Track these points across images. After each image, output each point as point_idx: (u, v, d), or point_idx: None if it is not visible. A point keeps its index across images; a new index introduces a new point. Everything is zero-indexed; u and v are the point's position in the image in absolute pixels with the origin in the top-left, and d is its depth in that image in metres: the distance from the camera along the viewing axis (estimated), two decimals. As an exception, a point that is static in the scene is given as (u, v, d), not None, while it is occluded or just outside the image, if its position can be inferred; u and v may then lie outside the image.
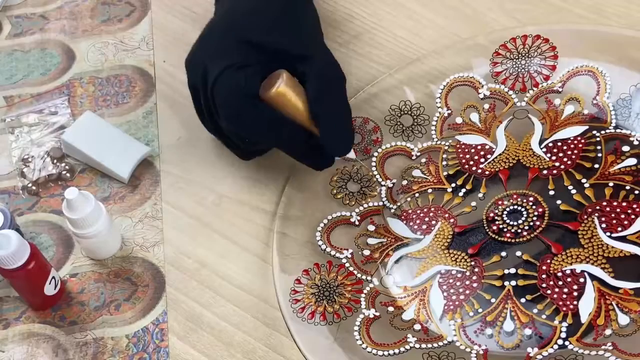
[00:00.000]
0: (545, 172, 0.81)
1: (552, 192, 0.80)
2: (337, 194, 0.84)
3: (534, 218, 0.79)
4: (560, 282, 0.75)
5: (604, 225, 0.77)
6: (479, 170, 0.83)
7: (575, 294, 0.74)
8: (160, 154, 0.91)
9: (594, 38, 0.85)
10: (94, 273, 0.85)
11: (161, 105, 0.94)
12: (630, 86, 0.83)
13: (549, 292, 0.74)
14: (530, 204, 0.79)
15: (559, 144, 0.83)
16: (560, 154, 0.82)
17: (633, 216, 0.77)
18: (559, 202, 0.79)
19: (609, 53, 0.85)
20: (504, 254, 0.78)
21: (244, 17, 0.82)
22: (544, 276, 0.75)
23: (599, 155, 0.81)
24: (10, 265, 0.77)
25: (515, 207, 0.80)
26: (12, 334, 0.82)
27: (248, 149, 0.85)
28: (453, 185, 0.83)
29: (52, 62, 0.99)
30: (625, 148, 0.81)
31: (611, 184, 0.79)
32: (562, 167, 0.81)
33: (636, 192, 0.78)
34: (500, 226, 0.79)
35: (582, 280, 0.74)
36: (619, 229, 0.76)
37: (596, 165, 0.81)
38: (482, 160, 0.84)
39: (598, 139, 0.82)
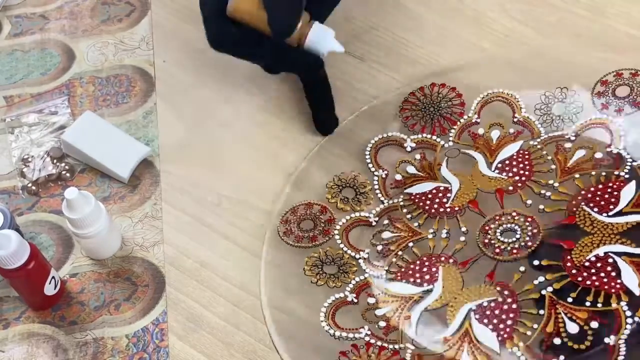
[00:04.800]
0: (510, 188, 0.82)
1: (529, 202, 0.81)
2: (319, 280, 0.80)
3: (529, 228, 0.79)
4: (593, 270, 0.75)
5: (595, 209, 0.78)
6: (448, 210, 0.82)
7: (613, 274, 0.74)
8: (160, 154, 0.91)
9: (487, 66, 0.89)
10: (93, 273, 0.85)
11: (161, 105, 0.94)
12: (540, 95, 0.86)
13: (588, 282, 0.74)
14: (517, 217, 0.80)
15: (507, 162, 0.84)
16: (515, 169, 0.83)
17: (615, 192, 0.79)
18: (541, 206, 0.80)
19: (505, 75, 0.87)
20: (522, 269, 0.77)
21: None
22: (574, 271, 0.75)
23: (549, 157, 0.83)
24: (10, 265, 0.77)
25: (505, 226, 0.80)
26: (12, 334, 0.82)
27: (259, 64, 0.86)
28: (431, 231, 0.82)
29: (52, 62, 0.99)
30: (568, 145, 0.83)
31: (577, 175, 0.81)
32: (524, 178, 0.82)
33: (603, 173, 0.81)
34: (502, 247, 0.79)
35: (610, 260, 0.75)
36: (611, 207, 0.78)
37: (553, 166, 0.82)
38: (445, 200, 0.83)
39: (539, 146, 0.84)
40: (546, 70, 0.87)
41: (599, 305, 0.73)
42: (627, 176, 0.80)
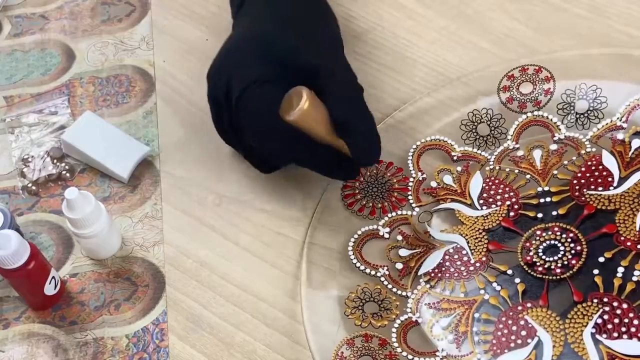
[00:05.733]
0: (512, 214, 0.80)
1: (540, 215, 0.79)
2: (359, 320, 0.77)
3: (571, 250, 0.77)
4: None
5: (600, 189, 0.79)
6: (477, 264, 0.78)
7: None
8: (160, 154, 0.91)
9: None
10: (94, 273, 0.85)
11: (161, 105, 0.94)
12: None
13: None
14: (559, 233, 0.78)
15: (484, 194, 0.82)
16: (498, 196, 0.82)
17: (600, 166, 0.80)
18: (554, 213, 0.79)
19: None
20: (595, 271, 0.75)
21: (269, 32, 0.80)
22: (639, 246, 0.75)
23: (515, 171, 0.83)
24: (10, 265, 0.77)
25: (549, 242, 0.78)
26: (12, 334, 0.82)
27: (270, 164, 0.85)
28: (482, 292, 0.77)
29: (52, 62, 0.99)
30: (520, 153, 0.84)
31: (555, 171, 0.81)
32: (514, 199, 0.81)
33: (574, 158, 0.82)
34: (557, 265, 0.77)
35: None
36: (609, 179, 0.79)
37: (527, 176, 0.82)
38: (465, 258, 0.79)
39: (497, 166, 0.84)
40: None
41: None
42: (593, 149, 0.82)
